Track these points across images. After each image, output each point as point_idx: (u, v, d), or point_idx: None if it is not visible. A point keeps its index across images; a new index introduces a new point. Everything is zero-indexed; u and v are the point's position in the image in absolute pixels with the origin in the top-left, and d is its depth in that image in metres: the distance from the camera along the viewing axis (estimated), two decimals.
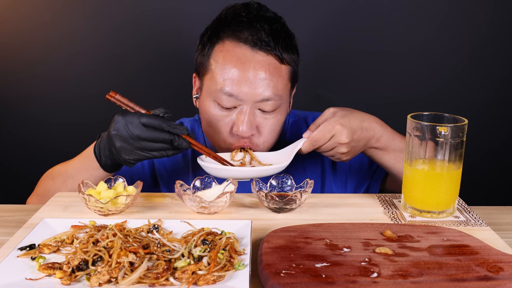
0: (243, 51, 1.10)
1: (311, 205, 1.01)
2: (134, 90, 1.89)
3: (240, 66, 1.09)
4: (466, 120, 0.93)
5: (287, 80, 1.14)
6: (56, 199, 1.03)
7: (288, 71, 1.14)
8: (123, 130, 0.98)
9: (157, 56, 1.88)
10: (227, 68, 1.09)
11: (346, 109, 1.07)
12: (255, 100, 1.09)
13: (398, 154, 1.10)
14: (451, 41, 1.87)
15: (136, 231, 0.83)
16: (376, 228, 0.85)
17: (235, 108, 1.11)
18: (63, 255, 0.78)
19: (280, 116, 1.15)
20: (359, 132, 1.05)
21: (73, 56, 1.88)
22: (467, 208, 1.00)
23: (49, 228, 0.85)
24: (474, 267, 0.73)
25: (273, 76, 1.10)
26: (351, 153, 1.07)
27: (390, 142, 1.10)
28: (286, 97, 1.16)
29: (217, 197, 0.92)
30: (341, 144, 1.04)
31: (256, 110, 1.11)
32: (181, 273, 0.70)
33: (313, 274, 0.70)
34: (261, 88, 1.09)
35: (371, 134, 1.07)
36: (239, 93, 1.09)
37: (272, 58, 1.11)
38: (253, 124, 1.11)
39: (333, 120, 1.04)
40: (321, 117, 1.07)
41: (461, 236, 0.83)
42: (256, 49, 1.10)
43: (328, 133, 1.03)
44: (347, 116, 1.05)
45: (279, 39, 1.11)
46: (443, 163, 0.92)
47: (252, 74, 1.08)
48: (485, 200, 1.40)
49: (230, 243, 0.78)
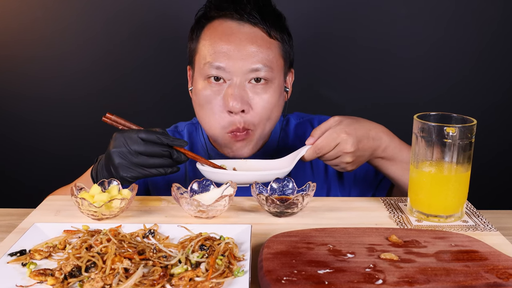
0: (229, 25, 1.14)
1: (313, 209, 1.01)
2: (131, 89, 1.89)
3: (227, 39, 1.13)
4: (475, 120, 0.93)
5: (278, 55, 1.16)
6: (48, 202, 1.03)
7: (278, 46, 1.16)
8: (122, 146, 1.00)
9: (154, 51, 1.88)
10: (214, 42, 1.13)
11: (352, 118, 1.07)
12: (244, 71, 1.11)
13: (405, 165, 1.10)
14: (458, 42, 1.87)
15: (131, 236, 0.83)
16: (381, 233, 0.86)
17: (225, 84, 1.13)
18: (55, 261, 0.78)
19: (274, 93, 1.15)
20: (365, 141, 1.05)
21: (65, 54, 1.87)
22: (476, 212, 1.00)
23: (40, 233, 0.85)
24: (483, 274, 0.73)
25: (261, 47, 1.13)
26: (356, 163, 1.07)
27: (397, 152, 1.10)
28: (279, 73, 1.16)
29: (216, 201, 0.92)
30: (346, 153, 1.04)
31: (247, 84, 1.13)
32: (178, 280, 0.70)
33: (316, 281, 0.70)
34: (249, 58, 1.11)
35: (377, 144, 1.07)
36: (227, 65, 1.11)
37: (259, 30, 1.14)
38: (244, 98, 1.12)
39: (339, 128, 1.04)
40: (325, 124, 1.06)
41: (470, 242, 0.83)
42: (242, 22, 1.14)
43: (332, 142, 1.03)
44: (353, 125, 1.05)
45: (265, 13, 1.15)
46: (451, 165, 0.92)
47: (239, 46, 1.12)
48: (495, 204, 1.40)
49: (229, 248, 0.78)
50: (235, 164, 1.11)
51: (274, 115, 1.18)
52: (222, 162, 1.09)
